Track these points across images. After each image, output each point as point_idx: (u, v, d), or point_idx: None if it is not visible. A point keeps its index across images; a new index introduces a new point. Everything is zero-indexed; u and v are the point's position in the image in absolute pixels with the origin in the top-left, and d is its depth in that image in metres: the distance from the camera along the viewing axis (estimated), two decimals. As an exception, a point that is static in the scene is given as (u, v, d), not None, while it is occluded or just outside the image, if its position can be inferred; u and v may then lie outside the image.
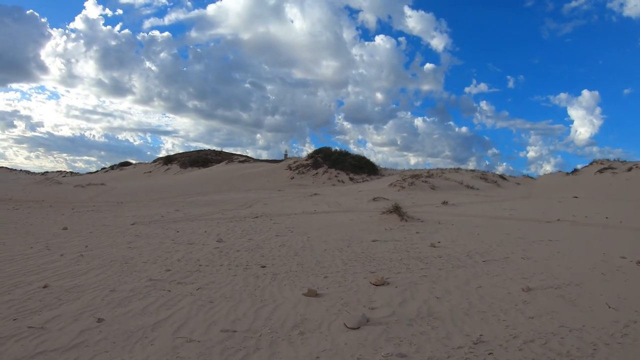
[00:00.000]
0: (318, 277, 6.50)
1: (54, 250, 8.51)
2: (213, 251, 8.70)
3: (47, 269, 6.96)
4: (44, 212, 15.68)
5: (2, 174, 45.18)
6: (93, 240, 9.86)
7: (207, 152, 53.76)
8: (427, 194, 24.77)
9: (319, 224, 12.78)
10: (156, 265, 7.46)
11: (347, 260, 7.62)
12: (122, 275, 6.71)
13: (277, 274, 6.71)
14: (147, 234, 10.80)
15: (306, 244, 9.33)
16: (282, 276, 6.56)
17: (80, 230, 11.33)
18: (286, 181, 33.71)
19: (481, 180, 31.39)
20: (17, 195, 22.32)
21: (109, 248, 8.90)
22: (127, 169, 51.17)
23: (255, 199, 22.45)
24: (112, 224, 12.56)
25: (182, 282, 6.38)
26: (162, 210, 17.05)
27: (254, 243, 9.65)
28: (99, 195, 24.21)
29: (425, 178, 29.79)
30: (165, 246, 9.20)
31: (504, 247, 8.50)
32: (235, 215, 15.48)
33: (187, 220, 13.75)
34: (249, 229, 12.01)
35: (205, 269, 7.18)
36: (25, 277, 6.38)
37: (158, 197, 24.39)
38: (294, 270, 6.96)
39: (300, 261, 7.60)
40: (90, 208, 17.71)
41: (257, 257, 7.98)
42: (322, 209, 17.83)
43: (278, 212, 16.66)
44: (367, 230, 10.94)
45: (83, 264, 7.40)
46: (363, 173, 37.82)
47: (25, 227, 11.58)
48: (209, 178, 34.34)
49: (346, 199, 22.73)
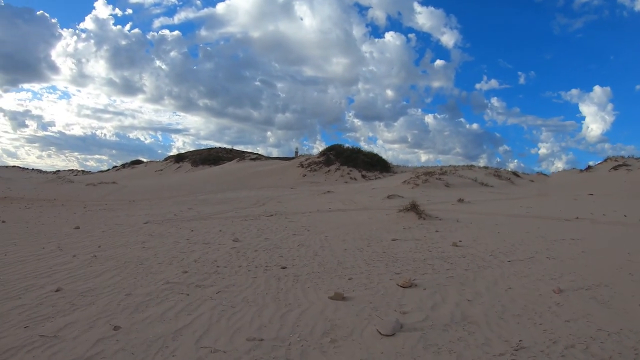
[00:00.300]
0: (342, 278, 6.23)
1: (67, 250, 8.23)
2: (230, 251, 8.39)
3: (59, 270, 6.67)
4: (55, 211, 15.47)
5: (14, 172, 45.50)
6: (106, 240, 9.57)
7: (218, 150, 53.57)
8: (442, 192, 24.41)
9: (336, 223, 12.45)
10: (172, 266, 7.14)
11: (369, 260, 7.34)
12: (137, 277, 6.40)
13: (299, 275, 6.43)
14: (160, 234, 10.51)
15: (325, 243, 9.03)
16: (304, 278, 6.28)
17: (92, 229, 11.06)
18: (298, 179, 33.36)
19: (495, 178, 30.96)
20: (29, 194, 22.21)
21: (122, 248, 8.61)
22: (139, 167, 51.09)
23: (268, 197, 22.13)
24: (125, 223, 12.28)
25: (200, 284, 6.06)
26: (175, 208, 16.78)
27: (271, 242, 9.35)
28: (110, 194, 24.05)
29: (439, 175, 29.42)
30: (181, 246, 8.89)
31: (527, 246, 8.21)
32: (249, 213, 15.17)
33: (200, 219, 13.46)
34: (264, 227, 11.69)
35: (224, 271, 6.87)
36: (37, 280, 6.08)
37: (170, 196, 24.17)
38: (316, 271, 6.67)
39: (321, 262, 7.31)
40: (102, 207, 17.48)
41: (276, 258, 7.69)
42: (337, 207, 17.46)
43: (292, 210, 16.32)
44: (385, 229, 10.63)
45: (96, 265, 7.10)
46: (375, 170, 37.37)
47: (37, 227, 11.34)
48: (221, 176, 34.10)
49: (360, 196, 22.34)
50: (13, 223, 11.89)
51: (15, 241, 9.12)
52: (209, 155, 50.06)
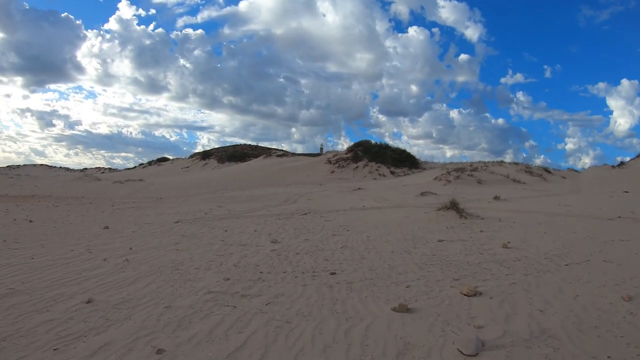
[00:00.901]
0: (399, 286, 5.63)
1: (96, 253, 7.66)
2: (270, 254, 7.76)
3: (89, 277, 6.07)
4: (83, 209, 15.08)
5: (42, 170, 45.90)
6: (137, 240, 9.02)
7: (244, 147, 53.23)
8: (475, 189, 23.61)
9: (374, 222, 11.77)
10: (211, 272, 6.50)
11: (421, 264, 6.74)
12: (175, 285, 5.76)
13: (351, 282, 5.82)
14: (193, 234, 9.94)
15: (369, 245, 8.45)
16: (358, 285, 5.68)
17: (122, 229, 10.53)
18: (326, 175, 32.70)
19: (526, 174, 30.00)
20: (56, 192, 22.03)
21: (155, 250, 8.01)
22: (165, 164, 51.07)
23: (298, 194, 21.54)
24: (155, 222, 11.75)
25: (246, 294, 5.41)
26: (204, 206, 16.27)
27: (312, 244, 8.71)
28: (137, 191, 23.76)
29: (471, 172, 28.58)
30: (216, 248, 8.28)
31: (579, 248, 7.58)
32: (281, 211, 14.54)
33: (232, 218, 12.88)
34: (301, 227, 11.05)
35: (268, 277, 6.22)
36: (66, 288, 5.48)
37: (197, 193, 23.79)
38: (368, 277, 6.06)
39: (371, 266, 6.70)
40: (130, 205, 17.07)
41: (321, 262, 7.10)
42: (370, 204, 16.80)
43: (326, 208, 15.69)
44: (427, 229, 10.05)
45: (129, 270, 6.48)
46: (404, 166, 36.51)
47: (65, 227, 10.86)
48: (248, 173, 33.67)
49: (392, 193, 21.70)
50: (40, 223, 11.45)
51: (42, 242, 8.62)
52: (234, 152, 49.73)
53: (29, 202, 17.50)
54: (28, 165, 52.86)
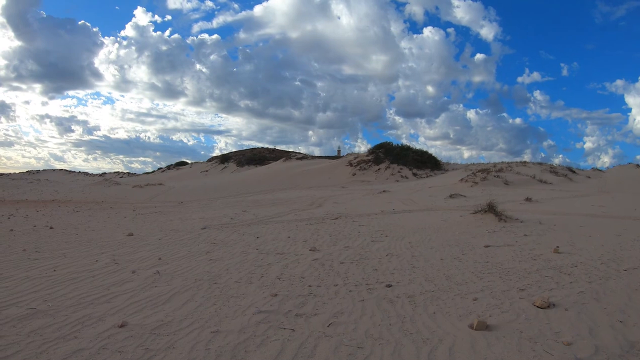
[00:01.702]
0: (464, 298, 5.12)
1: (123, 264, 6.99)
2: (313, 264, 7.10)
3: (118, 293, 5.37)
4: (105, 214, 14.52)
5: (61, 175, 45.95)
6: (165, 249, 8.37)
7: (262, 150, 52.79)
8: (503, 190, 23.02)
9: (411, 226, 11.09)
10: (254, 286, 5.80)
11: (478, 273, 6.23)
12: (217, 303, 5.05)
13: (412, 296, 5.26)
14: (223, 241, 9.27)
15: (414, 252, 7.89)
16: (420, 299, 5.13)
17: (147, 236, 9.88)
18: (348, 177, 32.01)
19: (551, 174, 29.50)
20: (76, 196, 21.64)
21: (186, 260, 7.33)
22: (184, 168, 50.85)
23: (322, 197, 20.90)
24: (181, 229, 11.10)
25: (300, 313, 4.72)
26: (228, 211, 15.62)
27: (354, 252, 8.06)
28: (158, 196, 23.28)
29: (496, 172, 27.94)
30: (252, 258, 7.60)
31: (630, 252, 7.17)
32: (310, 216, 13.84)
33: (260, 223, 12.20)
34: (336, 233, 10.37)
35: (320, 292, 5.54)
36: (94, 308, 4.78)
37: (218, 197, 23.27)
38: (428, 289, 5.52)
39: (426, 276, 6.16)
40: (151, 209, 16.50)
41: (370, 272, 6.48)
42: (400, 207, 16.15)
43: (355, 212, 15.00)
44: (468, 233, 9.56)
45: (162, 284, 5.79)
46: (426, 168, 35.73)
47: (87, 233, 10.26)
48: (268, 176, 33.06)
49: (419, 195, 21.08)
50: (61, 229, 10.87)
51: (64, 252, 8.00)
52: (253, 155, 49.25)
53: (49, 207, 17.05)
54: (47, 170, 53.19)
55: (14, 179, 32.98)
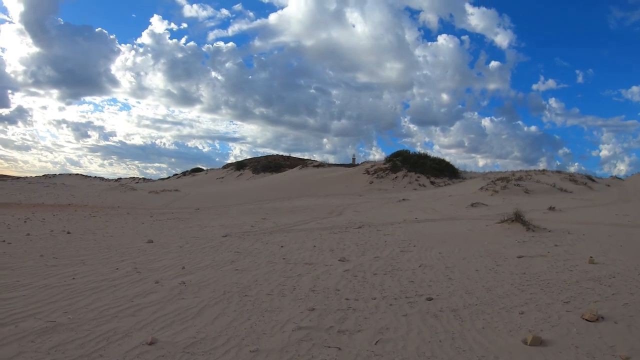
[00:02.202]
0: (510, 312, 4.86)
1: (145, 273, 6.62)
2: (345, 275, 6.72)
3: (143, 305, 4.98)
4: (122, 220, 14.22)
5: (77, 180, 46.13)
6: (187, 257, 8.00)
7: (277, 157, 52.53)
8: (524, 199, 22.37)
9: (437, 236, 10.67)
10: (287, 299, 5.41)
11: (518, 285, 5.97)
12: (251, 318, 4.65)
13: (455, 309, 4.99)
14: (247, 250, 8.90)
15: (447, 262, 7.58)
16: (465, 313, 4.86)
17: (167, 243, 9.53)
18: (365, 186, 31.50)
19: (571, 183, 28.72)
20: (92, 201, 21.43)
21: (211, 270, 6.95)
22: (199, 175, 50.70)
23: (341, 205, 20.44)
24: (202, 236, 10.73)
25: (343, 329, 4.36)
26: (248, 218, 15.25)
27: (385, 262, 7.66)
28: (174, 202, 23.00)
29: (516, 181, 27.28)
30: (280, 268, 7.21)
31: None
32: (332, 224, 13.40)
33: (282, 232, 11.80)
34: (362, 242, 9.95)
35: (359, 306, 5.18)
36: (119, 322, 4.39)
37: (235, 204, 22.91)
38: (470, 303, 5.24)
39: (465, 288, 5.87)
40: (169, 215, 16.20)
41: (406, 284, 6.15)
42: (422, 216, 15.61)
43: (377, 220, 14.52)
44: (498, 243, 9.19)
45: (189, 296, 5.39)
46: (444, 176, 35.06)
47: (105, 240, 9.92)
48: (285, 183, 32.70)
49: (440, 204, 20.56)
50: (79, 235, 10.56)
51: (83, 258, 7.66)
52: (269, 162, 48.93)
53: (66, 211, 16.81)
54: (63, 174, 53.47)
55: (30, 183, 32.98)
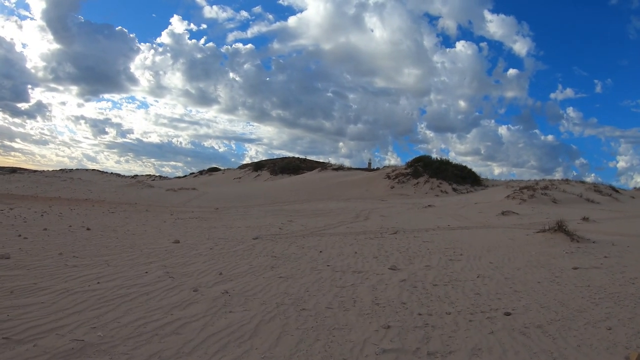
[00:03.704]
0: (597, 327, 4.49)
1: (179, 278, 5.81)
2: (403, 286, 6.04)
3: (185, 319, 4.16)
4: (142, 218, 13.49)
5: (94, 175, 45.81)
6: (221, 261, 7.23)
7: (294, 159, 51.93)
8: (553, 208, 21.71)
9: (480, 244, 10.01)
10: (352, 313, 4.67)
11: (588, 297, 5.58)
12: (320, 337, 3.92)
13: (540, 325, 4.53)
14: (284, 254, 8.12)
15: (503, 273, 7.05)
16: (551, 329, 4.41)
17: (195, 244, 8.75)
18: (386, 190, 30.61)
19: (596, 193, 28.16)
20: (109, 197, 20.82)
21: (251, 277, 6.14)
22: (216, 174, 50.18)
23: (366, 209, 19.65)
24: (230, 237, 9.96)
25: (433, 351, 3.77)
26: (272, 220, 14.46)
27: (438, 272, 7.05)
28: (191, 200, 22.32)
29: (542, 190, 26.51)
30: (328, 276, 6.45)
31: None
32: (364, 229, 12.62)
33: (313, 235, 11.02)
34: (403, 249, 9.19)
35: (435, 322, 4.57)
36: (161, 342, 3.57)
37: (254, 204, 22.19)
38: (552, 318, 4.77)
39: (537, 302, 5.40)
40: (189, 214, 15.47)
41: (472, 297, 5.62)
42: (453, 223, 14.89)
43: (408, 226, 13.74)
44: (546, 254, 8.68)
45: (237, 309, 4.57)
46: (466, 184, 34.11)
47: (127, 238, 9.17)
48: (304, 185, 31.88)
49: (467, 211, 19.83)
50: (99, 232, 9.81)
51: (107, 258, 6.89)
52: (287, 164, 48.15)
53: (83, 206, 16.15)
54: (80, 169, 53.37)
55: (47, 176, 32.54)
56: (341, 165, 43.54)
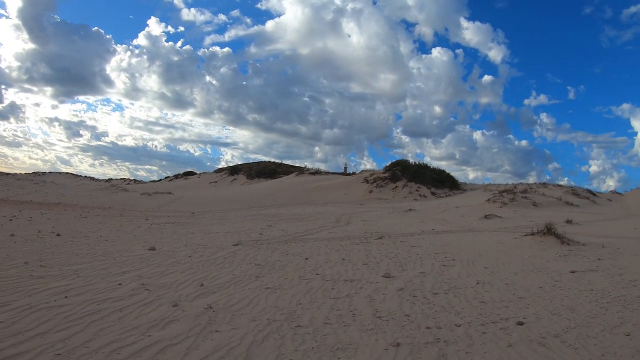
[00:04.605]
0: (614, 334, 4.34)
1: (156, 291, 5.30)
2: (401, 295, 5.76)
3: (166, 342, 3.68)
4: (116, 222, 12.82)
5: (67, 179, 44.42)
6: (201, 270, 6.74)
7: (270, 164, 51.39)
8: (534, 211, 21.81)
9: (469, 249, 9.82)
10: (354, 329, 4.30)
11: (596, 303, 5.46)
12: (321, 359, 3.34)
13: (557, 335, 4.34)
14: (268, 262, 7.66)
15: (502, 278, 6.89)
16: (569, 338, 4.23)
17: (173, 252, 8.21)
18: (364, 194, 30.28)
19: (574, 196, 28.38)
20: (82, 201, 19.93)
21: (236, 288, 5.68)
22: (192, 178, 49.19)
23: (346, 214, 19.30)
24: (209, 244, 9.43)
25: None
26: (251, 225, 13.96)
27: (435, 279, 6.75)
28: (167, 204, 21.60)
29: (522, 194, 26.62)
30: (318, 286, 6.06)
31: None
32: (347, 234, 12.27)
33: (295, 241, 10.60)
34: (392, 255, 8.87)
35: (445, 335, 4.31)
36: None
37: (230, 208, 21.62)
38: (566, 326, 4.60)
39: (546, 308, 5.24)
40: (165, 219, 14.82)
41: (477, 305, 5.38)
42: (437, 227, 14.68)
43: (393, 231, 13.43)
44: (539, 257, 8.63)
45: (224, 328, 4.10)
46: (445, 188, 34.07)
47: (100, 244, 8.57)
48: (281, 190, 31.28)
49: (449, 215, 19.67)
50: (70, 237, 9.19)
51: (76, 267, 6.34)
52: (264, 168, 47.49)
53: (55, 210, 15.37)
54: (53, 172, 51.83)
55: (19, 179, 31.21)
56: (318, 169, 43.11)
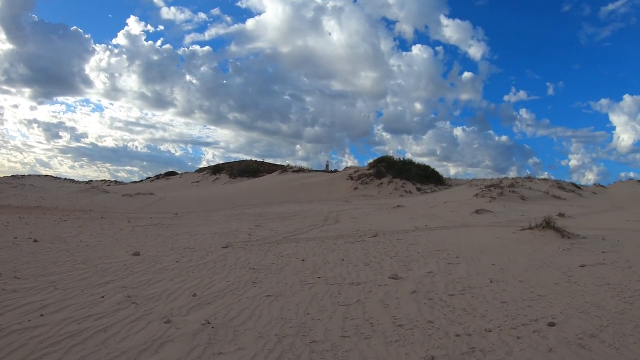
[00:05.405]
0: None
1: (144, 304, 4.75)
2: (416, 299, 5.42)
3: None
4: (97, 225, 12.16)
5: (47, 181, 43.21)
6: (192, 277, 6.21)
7: (252, 162, 50.81)
8: (523, 205, 21.65)
9: (469, 245, 9.58)
10: (377, 342, 3.90)
11: (619, 297, 5.34)
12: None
13: (594, 335, 4.17)
14: (263, 266, 7.17)
15: (514, 275, 6.71)
16: (607, 338, 4.06)
17: (158, 256, 7.65)
18: (349, 191, 29.90)
19: (560, 190, 28.63)
20: (62, 203, 19.14)
21: (233, 297, 5.17)
22: (173, 178, 48.31)
23: (332, 212, 18.91)
24: (197, 247, 8.88)
25: None
26: (238, 225, 13.44)
27: (445, 279, 6.46)
28: (149, 205, 20.92)
29: (509, 188, 26.60)
30: (323, 291, 5.62)
31: None
32: (339, 233, 11.88)
33: (287, 241, 10.15)
34: (392, 254, 8.52)
35: (478, 343, 3.94)
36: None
37: (214, 208, 21.07)
38: (599, 324, 4.45)
39: (572, 306, 5.08)
40: (148, 221, 14.17)
41: (499, 306, 5.15)
42: (430, 224, 14.42)
43: (385, 228, 13.08)
44: (542, 252, 8.47)
45: (228, 348, 3.60)
46: (430, 183, 33.94)
47: (80, 251, 7.96)
48: (265, 188, 30.74)
49: (439, 211, 19.42)
50: (48, 243, 8.55)
51: (54, 278, 5.77)
52: (246, 167, 46.92)
53: (34, 214, 14.63)
54: (33, 175, 50.56)
55: (-3, 183, 30.17)
56: (301, 167, 42.69)
